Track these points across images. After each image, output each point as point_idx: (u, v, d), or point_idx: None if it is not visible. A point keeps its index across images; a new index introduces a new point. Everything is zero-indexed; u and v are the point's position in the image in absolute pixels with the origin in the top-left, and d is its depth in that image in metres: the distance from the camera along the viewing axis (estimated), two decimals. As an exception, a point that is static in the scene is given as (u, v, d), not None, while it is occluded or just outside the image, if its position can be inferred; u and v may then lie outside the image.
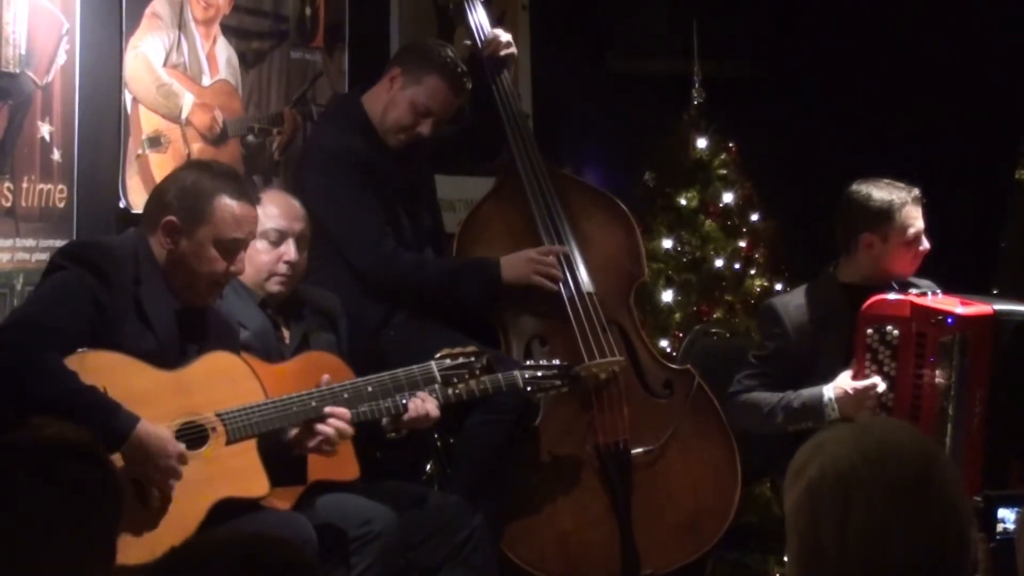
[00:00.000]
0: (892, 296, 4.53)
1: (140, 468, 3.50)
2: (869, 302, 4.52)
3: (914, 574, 2.00)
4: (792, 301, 4.76)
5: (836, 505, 2.02)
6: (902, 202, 4.58)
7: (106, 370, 3.51)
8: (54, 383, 3.42)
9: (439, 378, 4.08)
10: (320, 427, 3.83)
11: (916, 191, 4.61)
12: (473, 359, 4.12)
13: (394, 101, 4.71)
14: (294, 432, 3.84)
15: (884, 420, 3.47)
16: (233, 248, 3.76)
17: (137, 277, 3.69)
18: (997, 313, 4.43)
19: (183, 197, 3.74)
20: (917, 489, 2.03)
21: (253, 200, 3.86)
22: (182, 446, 3.57)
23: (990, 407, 4.40)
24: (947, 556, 2.03)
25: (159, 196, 3.82)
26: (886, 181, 4.64)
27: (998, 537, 3.43)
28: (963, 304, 4.45)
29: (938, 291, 4.59)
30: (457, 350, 4.14)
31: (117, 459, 3.40)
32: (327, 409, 3.83)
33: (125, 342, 3.61)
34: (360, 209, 4.60)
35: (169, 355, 3.70)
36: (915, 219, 4.60)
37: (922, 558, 2.01)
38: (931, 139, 6.45)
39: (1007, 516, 3.40)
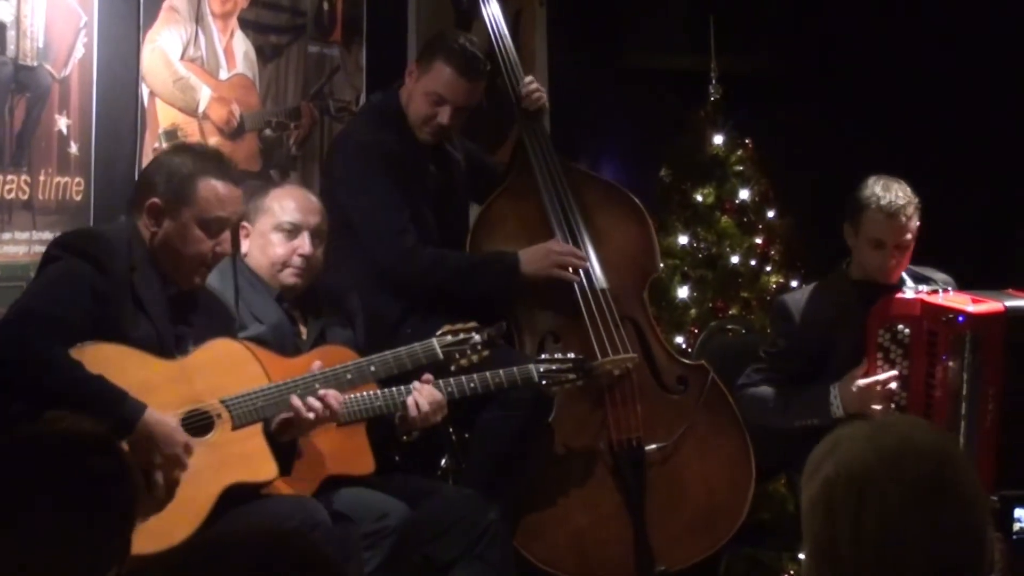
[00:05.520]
0: (903, 295, 4.52)
1: (146, 456, 3.48)
2: (880, 301, 4.51)
3: (931, 574, 1.99)
4: (804, 298, 4.75)
5: (851, 504, 2.00)
6: (876, 206, 4.54)
7: (107, 361, 3.50)
8: (60, 373, 3.42)
9: (441, 355, 4.07)
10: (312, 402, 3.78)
11: (900, 203, 4.52)
12: (474, 334, 4.12)
13: (412, 94, 4.72)
14: (281, 418, 3.78)
15: (901, 418, 3.46)
16: (218, 227, 3.76)
17: (131, 264, 3.69)
18: (1008, 310, 4.38)
19: (168, 179, 3.74)
20: (933, 487, 2.01)
21: (237, 180, 3.86)
22: (188, 436, 3.56)
23: (1003, 405, 4.36)
24: (964, 555, 2.01)
25: (144, 179, 3.84)
26: (896, 182, 4.60)
27: (1015, 537, 3.43)
28: (974, 302, 4.41)
29: (950, 288, 4.58)
30: (458, 326, 4.13)
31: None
32: (320, 392, 3.80)
33: (124, 329, 3.61)
34: (384, 201, 4.59)
35: (165, 340, 3.70)
36: (878, 224, 4.54)
37: (939, 558, 1.99)
38: (948, 134, 6.44)
39: (1024, 516, 3.39)
